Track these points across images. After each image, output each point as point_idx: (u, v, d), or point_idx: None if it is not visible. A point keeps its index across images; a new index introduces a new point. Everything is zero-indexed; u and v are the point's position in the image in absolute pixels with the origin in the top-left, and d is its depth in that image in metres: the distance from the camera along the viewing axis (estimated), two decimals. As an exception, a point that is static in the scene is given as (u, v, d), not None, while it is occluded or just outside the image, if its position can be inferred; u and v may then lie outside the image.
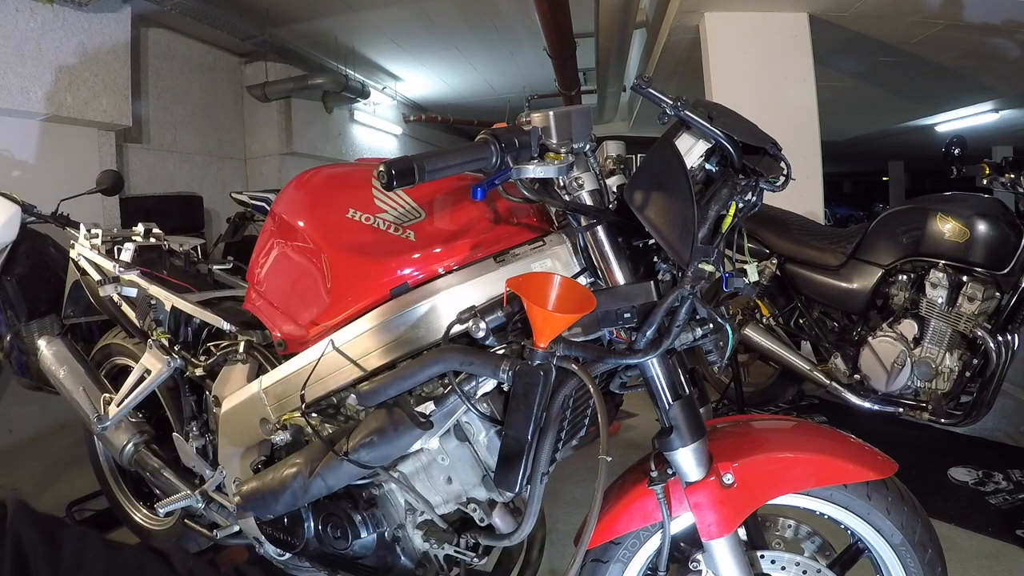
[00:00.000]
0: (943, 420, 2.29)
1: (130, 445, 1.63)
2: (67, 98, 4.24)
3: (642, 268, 0.95)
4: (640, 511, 1.01)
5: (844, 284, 2.55)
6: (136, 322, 1.60)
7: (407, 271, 1.00)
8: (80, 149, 4.53)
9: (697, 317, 0.93)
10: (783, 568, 1.05)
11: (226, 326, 1.35)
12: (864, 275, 2.51)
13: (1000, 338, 2.20)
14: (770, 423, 1.27)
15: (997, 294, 2.27)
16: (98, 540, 0.55)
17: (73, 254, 1.86)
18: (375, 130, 8.42)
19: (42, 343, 1.84)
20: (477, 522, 1.04)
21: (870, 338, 2.45)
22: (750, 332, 2.73)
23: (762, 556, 1.05)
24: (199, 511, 1.41)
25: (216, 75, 6.29)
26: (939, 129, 8.86)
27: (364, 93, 7.11)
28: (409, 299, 0.99)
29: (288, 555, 1.23)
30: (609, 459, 0.84)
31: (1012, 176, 2.28)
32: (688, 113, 0.87)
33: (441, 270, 1.00)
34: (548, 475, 0.94)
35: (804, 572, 1.04)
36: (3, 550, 0.50)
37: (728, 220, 0.89)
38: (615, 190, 0.96)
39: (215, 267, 1.87)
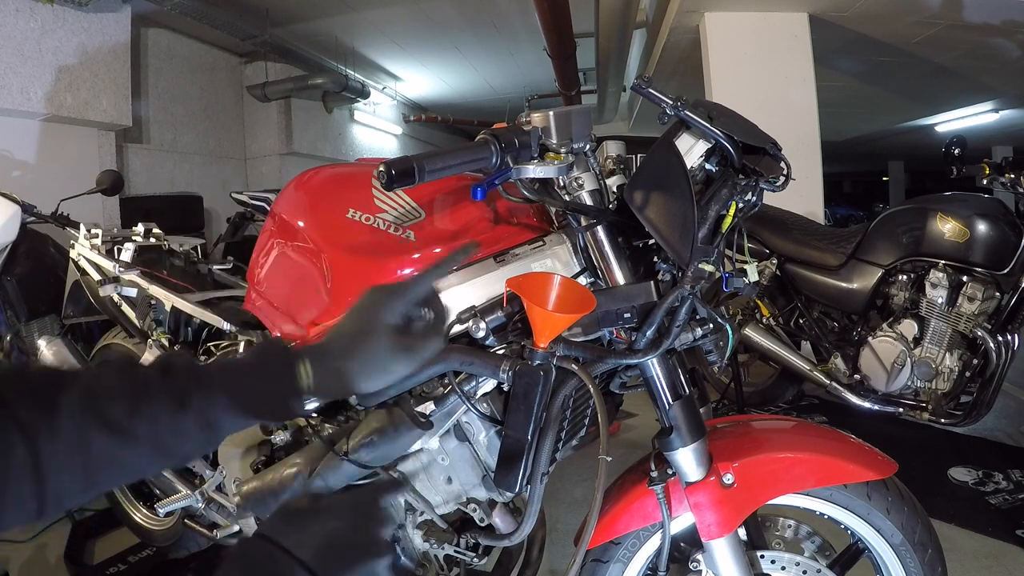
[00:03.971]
0: (943, 420, 2.29)
1: (130, 445, 1.62)
2: (67, 98, 4.24)
3: (642, 268, 0.95)
4: (640, 511, 1.01)
5: (844, 284, 2.55)
6: (136, 322, 1.60)
7: (407, 271, 1.00)
8: (80, 149, 4.53)
9: (697, 317, 0.93)
10: (783, 568, 1.05)
11: (226, 326, 1.35)
12: (864, 275, 2.51)
13: (1000, 338, 2.20)
14: (770, 423, 1.27)
15: (997, 294, 2.27)
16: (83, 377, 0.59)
17: (73, 254, 1.86)
18: (375, 130, 8.42)
19: (42, 343, 1.84)
20: (477, 522, 1.04)
21: (870, 338, 2.45)
22: (750, 332, 2.73)
23: (762, 556, 1.05)
24: (199, 511, 1.41)
25: (216, 75, 6.29)
26: (939, 129, 8.86)
27: (364, 93, 7.11)
28: (409, 299, 0.98)
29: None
30: (609, 459, 0.84)
31: (1012, 176, 2.28)
32: (688, 113, 0.87)
33: (441, 270, 1.00)
34: (548, 475, 0.94)
35: (804, 572, 1.04)
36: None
37: (728, 220, 0.89)
38: (615, 190, 0.96)
39: (215, 267, 1.87)
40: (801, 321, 2.77)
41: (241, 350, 1.30)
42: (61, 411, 0.56)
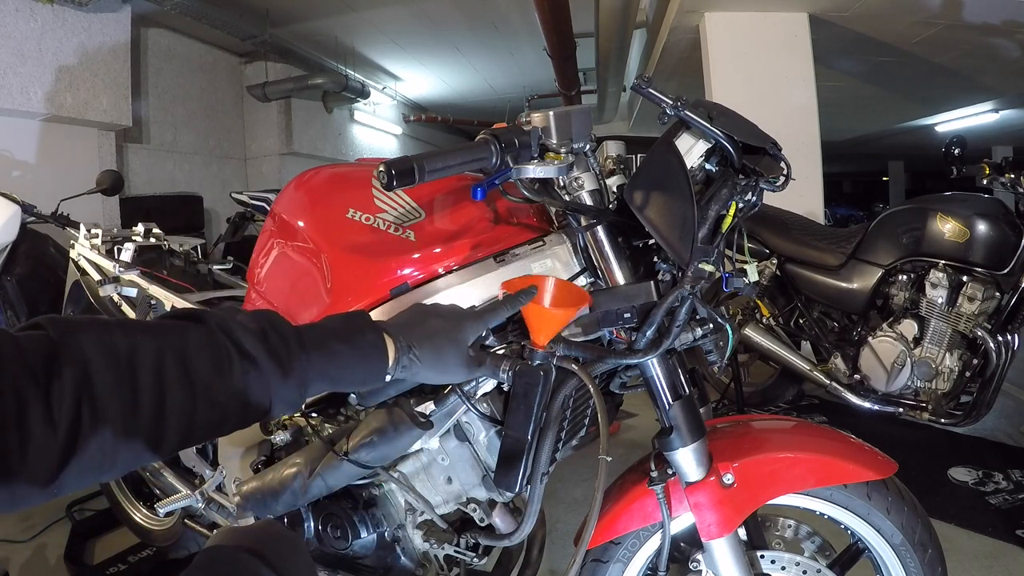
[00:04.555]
0: (943, 420, 2.29)
1: (130, 445, 1.62)
2: (67, 98, 4.24)
3: (642, 268, 0.95)
4: (640, 511, 1.01)
5: (844, 284, 2.55)
6: (136, 322, 1.60)
7: (407, 271, 1.00)
8: (80, 149, 4.54)
9: (697, 317, 0.93)
10: (783, 568, 1.05)
11: (226, 326, 1.34)
12: (864, 275, 2.51)
13: (1000, 338, 2.20)
14: (770, 423, 1.27)
15: (997, 294, 2.27)
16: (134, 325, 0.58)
17: (73, 254, 1.86)
18: (375, 130, 8.43)
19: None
20: (477, 522, 1.04)
21: (870, 338, 2.45)
22: (750, 332, 2.73)
23: (762, 556, 1.05)
24: (199, 511, 1.41)
25: (216, 75, 6.29)
26: (939, 129, 8.86)
27: (364, 93, 7.11)
28: (409, 299, 0.98)
29: (288, 555, 1.23)
30: (609, 459, 0.84)
31: (1012, 176, 2.28)
32: (688, 113, 0.87)
33: (441, 270, 1.00)
34: (548, 475, 0.94)
35: (804, 572, 1.04)
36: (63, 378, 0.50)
37: (728, 220, 0.89)
38: (615, 190, 0.96)
39: (215, 267, 1.87)
40: (801, 321, 2.77)
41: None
42: (145, 375, 0.54)
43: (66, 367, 0.51)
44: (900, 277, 2.44)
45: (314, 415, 1.12)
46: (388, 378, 0.73)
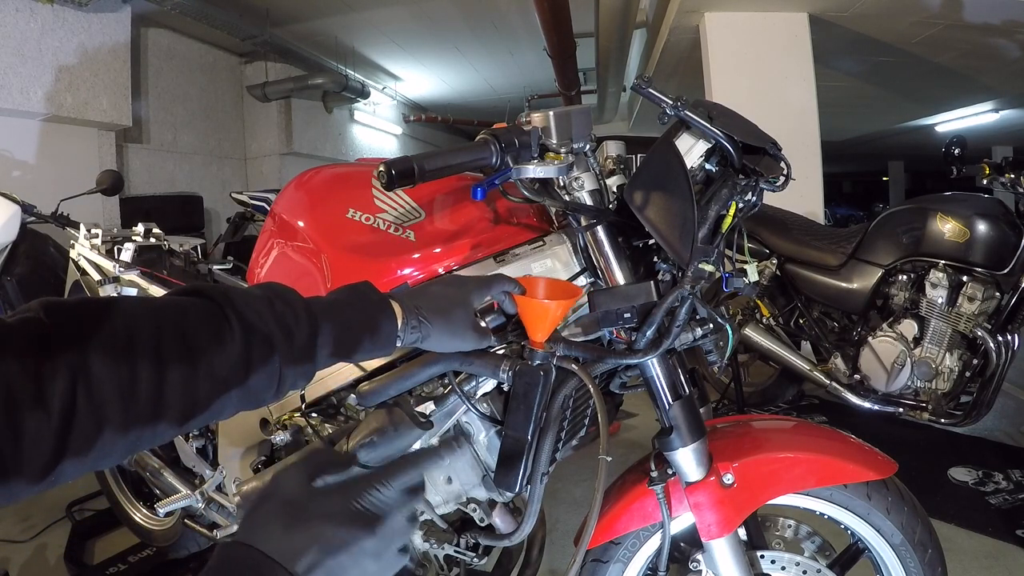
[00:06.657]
0: (943, 420, 2.29)
1: (130, 445, 1.62)
2: (67, 98, 4.24)
3: (642, 268, 0.95)
4: (640, 511, 1.01)
5: (844, 284, 2.55)
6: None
7: (407, 271, 1.00)
8: (80, 149, 4.54)
9: (697, 317, 0.93)
10: (783, 568, 1.05)
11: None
12: (864, 275, 2.51)
13: (1000, 338, 2.20)
14: (770, 423, 1.27)
15: (997, 294, 2.27)
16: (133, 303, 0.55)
17: (73, 254, 1.86)
18: (375, 130, 8.43)
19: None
20: (477, 522, 1.04)
21: (870, 338, 2.45)
22: (750, 332, 2.73)
23: (762, 556, 1.05)
24: (199, 511, 1.41)
25: (216, 75, 6.29)
26: (939, 129, 8.87)
27: (364, 93, 7.12)
28: (409, 299, 0.98)
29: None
30: (609, 459, 0.84)
31: (1012, 176, 2.27)
32: (688, 113, 0.87)
33: (441, 270, 1.00)
34: (548, 475, 0.93)
35: (804, 572, 1.04)
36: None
37: (728, 220, 0.89)
38: (615, 190, 0.96)
39: (215, 267, 1.87)
40: (801, 321, 2.77)
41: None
42: (144, 353, 0.52)
43: (59, 349, 0.48)
44: (900, 277, 2.44)
45: (314, 415, 1.12)
46: (398, 343, 0.71)
